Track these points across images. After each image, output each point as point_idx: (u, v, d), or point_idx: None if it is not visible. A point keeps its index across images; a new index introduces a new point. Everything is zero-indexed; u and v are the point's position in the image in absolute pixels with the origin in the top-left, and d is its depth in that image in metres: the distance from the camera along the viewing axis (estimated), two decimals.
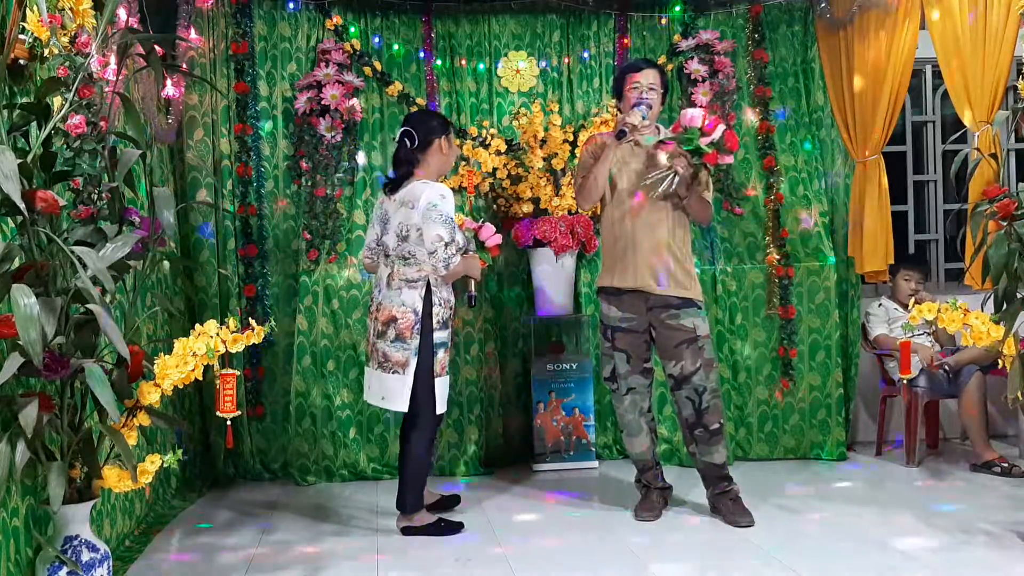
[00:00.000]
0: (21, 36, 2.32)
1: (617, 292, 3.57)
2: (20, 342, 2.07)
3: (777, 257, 4.60)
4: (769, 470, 4.45)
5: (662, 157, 3.48)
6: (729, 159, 3.48)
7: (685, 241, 3.59)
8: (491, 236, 3.56)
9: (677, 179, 3.42)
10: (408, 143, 3.49)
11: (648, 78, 3.56)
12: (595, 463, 4.55)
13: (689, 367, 3.51)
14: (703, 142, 3.36)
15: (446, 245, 3.31)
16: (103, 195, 2.42)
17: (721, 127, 3.38)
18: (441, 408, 3.46)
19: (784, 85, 4.73)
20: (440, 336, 3.42)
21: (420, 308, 3.38)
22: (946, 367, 4.46)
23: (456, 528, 3.51)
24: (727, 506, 3.59)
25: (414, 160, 3.50)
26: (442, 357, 3.43)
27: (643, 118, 3.46)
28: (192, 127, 4.36)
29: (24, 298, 2.06)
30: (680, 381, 3.54)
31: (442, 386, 3.44)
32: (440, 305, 3.42)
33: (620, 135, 3.43)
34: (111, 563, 2.52)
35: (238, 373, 3.09)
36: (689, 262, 3.60)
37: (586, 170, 3.58)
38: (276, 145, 4.52)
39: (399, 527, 3.51)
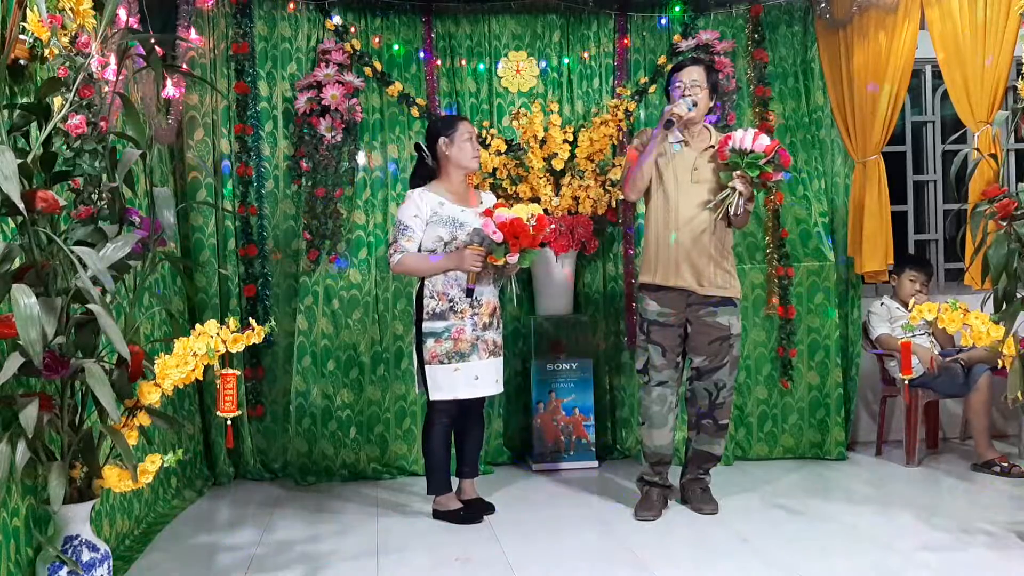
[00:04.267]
0: (21, 36, 2.32)
1: (658, 288, 3.63)
2: (20, 342, 2.07)
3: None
4: (769, 470, 4.45)
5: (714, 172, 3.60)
6: (781, 175, 3.53)
7: (725, 240, 3.65)
8: (494, 232, 3.49)
9: (741, 199, 3.49)
10: (424, 157, 3.73)
11: (691, 75, 3.62)
12: (595, 463, 4.55)
13: (716, 362, 3.62)
14: (762, 163, 3.42)
15: (388, 245, 3.60)
16: (103, 195, 2.42)
17: (777, 146, 3.44)
18: (436, 395, 3.59)
19: (784, 85, 4.73)
20: (429, 326, 3.58)
21: (415, 300, 3.66)
22: (961, 362, 4.47)
23: (475, 519, 3.65)
24: (696, 494, 3.75)
25: (431, 172, 3.73)
26: (431, 346, 3.57)
27: (689, 109, 3.53)
28: (192, 127, 4.36)
29: (24, 298, 2.06)
30: (704, 373, 3.64)
31: (434, 374, 3.57)
32: (432, 297, 3.59)
33: (667, 125, 3.52)
34: (111, 563, 2.53)
35: (238, 373, 3.09)
36: (729, 261, 3.67)
37: (632, 160, 3.66)
38: (276, 145, 4.52)
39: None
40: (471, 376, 3.59)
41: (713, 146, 3.62)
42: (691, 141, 3.66)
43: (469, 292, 3.58)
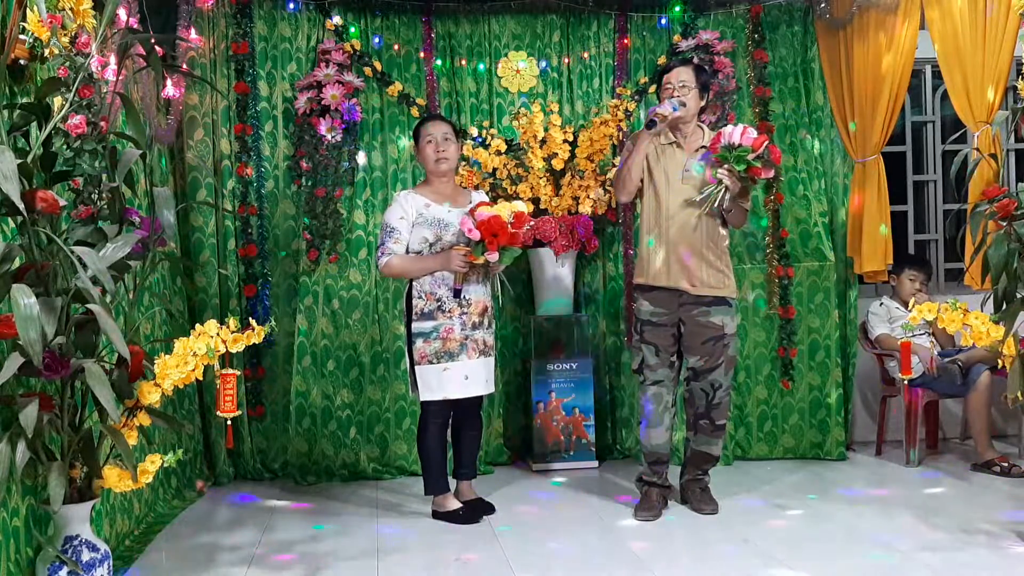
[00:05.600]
0: (21, 36, 2.32)
1: (651, 288, 3.62)
2: (20, 342, 2.07)
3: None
4: (769, 470, 4.45)
5: (700, 170, 3.57)
6: (771, 172, 3.51)
7: (719, 239, 3.63)
8: (471, 230, 3.50)
9: (728, 193, 3.47)
10: None
11: (679, 76, 3.62)
12: (595, 463, 4.55)
13: (712, 363, 3.60)
14: (750, 157, 3.41)
15: (377, 248, 3.65)
16: (103, 195, 2.42)
17: (766, 142, 3.42)
18: (426, 395, 3.60)
19: (784, 85, 4.73)
20: (418, 327, 3.61)
21: (404, 302, 3.67)
22: (959, 362, 4.47)
23: (474, 519, 3.64)
24: (696, 494, 3.75)
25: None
26: (420, 346, 3.59)
27: (674, 109, 3.52)
28: (192, 127, 4.36)
29: (24, 298, 2.06)
30: (700, 373, 3.64)
31: (425, 374, 3.58)
32: (420, 298, 3.62)
33: (650, 125, 3.52)
34: (111, 563, 2.53)
35: (238, 373, 3.09)
36: (723, 260, 3.65)
37: (623, 162, 3.67)
38: (276, 145, 4.52)
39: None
40: (460, 376, 3.59)
41: (705, 146, 3.61)
42: (682, 141, 3.64)
43: (456, 292, 3.59)
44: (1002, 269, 3.14)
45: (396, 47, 4.59)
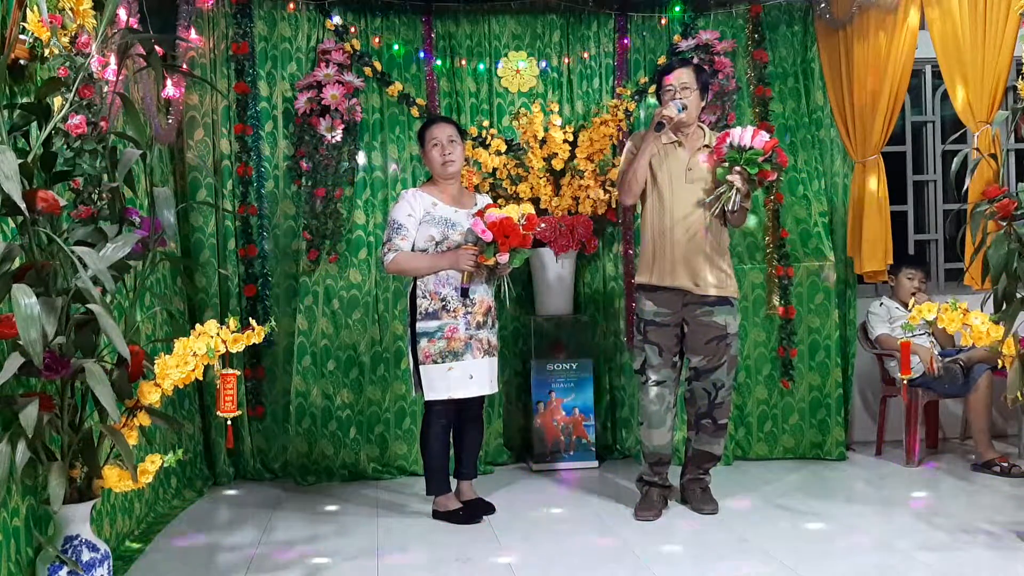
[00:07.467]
0: (21, 36, 2.32)
1: (655, 288, 3.63)
2: (20, 342, 2.07)
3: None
4: (769, 470, 4.45)
5: (705, 166, 3.58)
6: (778, 175, 3.53)
7: (721, 239, 3.64)
8: (484, 232, 3.50)
9: (738, 195, 3.48)
10: None
11: (680, 78, 3.62)
12: (595, 463, 4.55)
13: (714, 362, 3.61)
14: (760, 160, 3.42)
15: (383, 244, 3.65)
16: (103, 195, 2.42)
17: (775, 145, 3.43)
18: (431, 395, 3.60)
19: (784, 85, 4.73)
20: (422, 326, 3.60)
21: (408, 301, 3.68)
22: (960, 362, 4.47)
23: (475, 519, 3.64)
24: (696, 494, 3.75)
25: None
26: (425, 346, 3.58)
27: (679, 111, 3.52)
28: (192, 127, 4.36)
29: (24, 298, 2.06)
30: (702, 373, 3.64)
31: (429, 374, 3.58)
32: (425, 297, 3.61)
33: (659, 127, 3.52)
34: (111, 563, 2.53)
35: (238, 373, 3.09)
36: (726, 260, 3.66)
37: (627, 164, 3.66)
38: (276, 145, 4.52)
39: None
40: (465, 375, 3.59)
41: (708, 145, 3.62)
42: (685, 141, 3.65)
43: (464, 292, 3.58)
44: (1002, 269, 3.14)
45: (396, 47, 4.59)
